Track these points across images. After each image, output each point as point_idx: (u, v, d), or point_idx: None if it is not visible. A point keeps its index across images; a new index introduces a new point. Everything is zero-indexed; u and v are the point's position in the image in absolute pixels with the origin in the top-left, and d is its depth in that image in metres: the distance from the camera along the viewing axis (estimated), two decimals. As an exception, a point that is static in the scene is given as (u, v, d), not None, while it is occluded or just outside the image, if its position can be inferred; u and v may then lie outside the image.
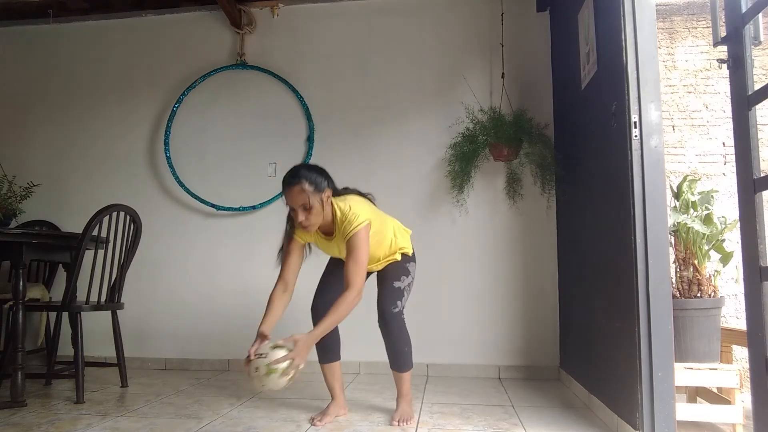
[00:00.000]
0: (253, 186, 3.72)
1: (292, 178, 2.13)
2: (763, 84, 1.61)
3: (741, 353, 2.78)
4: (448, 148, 3.41)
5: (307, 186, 2.11)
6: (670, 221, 2.23)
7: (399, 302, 2.33)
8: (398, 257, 2.43)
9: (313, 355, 3.47)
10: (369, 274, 2.37)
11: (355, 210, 2.17)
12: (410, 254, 2.48)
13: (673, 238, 2.32)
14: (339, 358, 2.43)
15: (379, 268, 2.43)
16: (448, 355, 3.42)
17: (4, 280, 3.68)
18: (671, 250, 2.13)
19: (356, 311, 2.48)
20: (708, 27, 3.28)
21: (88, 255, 2.86)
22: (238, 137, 3.80)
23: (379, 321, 2.35)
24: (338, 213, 2.20)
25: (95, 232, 2.78)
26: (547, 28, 3.59)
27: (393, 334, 2.32)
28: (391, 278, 2.37)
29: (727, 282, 2.95)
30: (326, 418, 2.31)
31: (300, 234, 2.29)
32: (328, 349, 2.39)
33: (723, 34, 1.77)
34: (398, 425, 2.26)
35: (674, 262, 2.31)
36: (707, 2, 3.26)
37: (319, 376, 3.28)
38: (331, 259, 2.50)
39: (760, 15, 1.67)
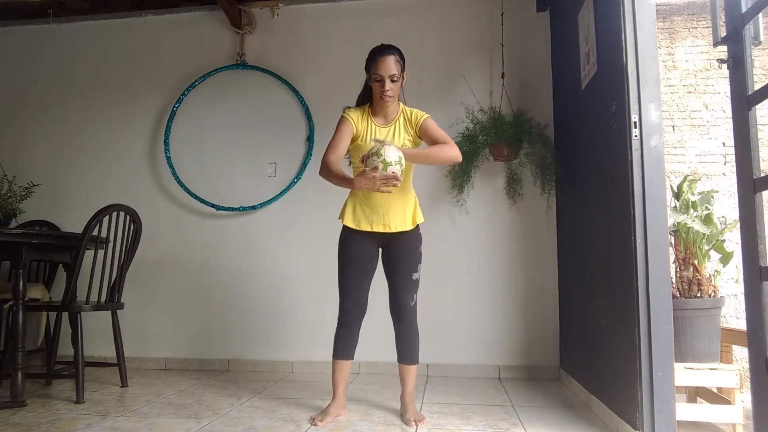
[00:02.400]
0: (253, 186, 3.72)
1: (389, 48, 2.27)
2: (763, 84, 1.61)
3: (741, 353, 2.78)
4: (448, 148, 3.41)
5: (399, 59, 2.27)
6: (670, 221, 2.23)
7: (415, 295, 2.39)
8: (414, 217, 2.36)
9: (316, 355, 3.48)
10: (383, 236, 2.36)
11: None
12: (419, 229, 2.43)
13: (673, 238, 2.32)
14: (353, 358, 2.42)
15: (388, 221, 2.32)
16: (448, 355, 3.42)
17: (4, 280, 3.68)
18: (671, 250, 2.13)
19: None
20: (708, 27, 3.28)
21: (88, 255, 2.86)
22: (238, 137, 3.80)
23: (395, 315, 2.39)
24: (400, 105, 2.36)
25: (95, 232, 2.78)
26: (547, 28, 3.59)
27: (410, 326, 2.38)
28: (409, 269, 2.37)
29: (727, 282, 2.95)
30: (327, 418, 2.30)
31: (356, 117, 2.34)
32: (350, 344, 2.39)
33: (723, 34, 1.77)
34: (416, 425, 2.27)
35: (674, 262, 2.31)
36: (707, 2, 3.26)
37: (318, 376, 3.30)
38: (359, 258, 2.36)
39: (760, 15, 1.67)
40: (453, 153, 2.25)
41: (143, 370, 3.59)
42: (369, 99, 2.39)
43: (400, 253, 2.37)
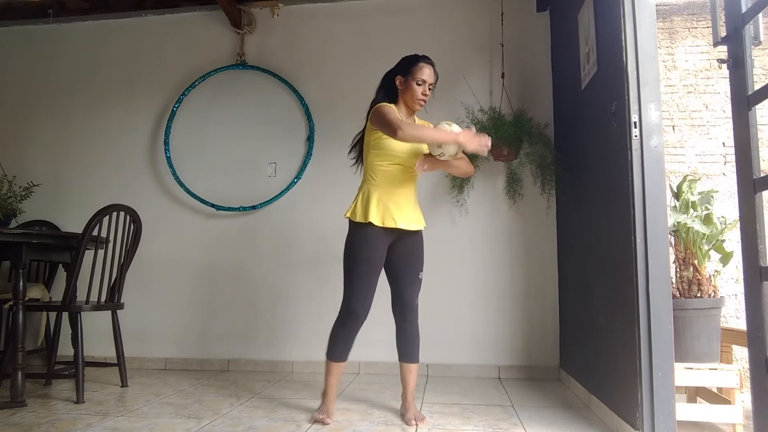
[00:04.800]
0: (253, 186, 3.72)
1: (431, 59, 2.39)
2: (763, 84, 1.61)
3: (741, 353, 2.78)
4: (448, 148, 3.41)
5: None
6: (670, 221, 2.23)
7: (418, 293, 2.41)
8: (422, 220, 2.42)
9: (316, 355, 3.48)
10: (393, 230, 2.32)
11: None
12: None
13: (673, 238, 2.32)
14: (346, 359, 2.41)
15: (409, 218, 2.34)
16: (448, 355, 3.42)
17: (4, 280, 3.68)
18: (671, 250, 2.13)
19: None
20: (708, 27, 3.28)
21: (88, 255, 2.86)
22: (238, 137, 3.80)
23: (399, 313, 2.38)
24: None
25: (95, 232, 2.78)
26: (547, 28, 3.59)
27: (413, 325, 2.39)
28: (418, 268, 2.40)
29: (727, 282, 2.95)
30: (333, 416, 2.31)
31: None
32: (349, 346, 2.36)
33: (723, 34, 1.77)
34: (416, 424, 2.27)
35: (674, 262, 2.31)
36: (707, 2, 3.26)
37: (318, 376, 3.29)
38: (376, 258, 2.31)
39: (760, 15, 1.67)
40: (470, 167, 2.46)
41: (143, 370, 3.59)
42: (391, 99, 2.39)
43: (411, 251, 2.38)
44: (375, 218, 2.26)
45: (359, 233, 2.30)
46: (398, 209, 2.31)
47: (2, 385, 2.75)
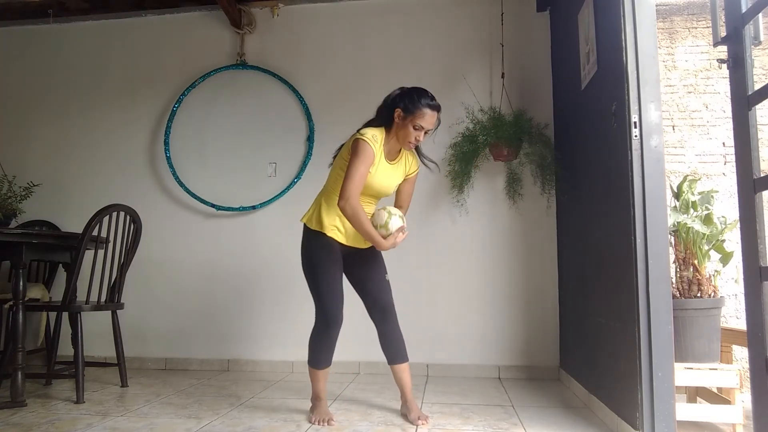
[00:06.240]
0: (253, 186, 3.72)
1: (438, 105, 2.28)
2: (763, 84, 1.61)
3: (741, 353, 2.78)
4: (448, 148, 3.41)
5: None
6: (670, 221, 2.23)
7: (392, 294, 2.42)
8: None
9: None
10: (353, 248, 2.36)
11: None
12: None
13: (673, 238, 2.32)
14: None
15: (360, 239, 2.34)
16: (448, 355, 3.41)
17: (4, 280, 3.68)
18: (671, 250, 2.13)
19: (355, 312, 2.50)
20: (708, 27, 3.28)
21: (88, 255, 2.86)
22: (238, 137, 3.80)
23: (380, 317, 2.37)
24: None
25: (95, 232, 2.78)
26: (547, 28, 3.59)
27: (397, 326, 2.39)
28: (383, 271, 2.42)
29: (727, 282, 2.95)
30: (331, 416, 2.31)
31: (376, 149, 2.23)
32: (332, 353, 2.37)
33: (723, 34, 1.77)
34: (423, 423, 2.28)
35: (674, 262, 2.31)
36: (707, 2, 3.26)
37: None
38: (339, 263, 2.34)
39: (760, 15, 1.67)
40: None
41: (143, 370, 3.59)
42: (384, 124, 2.31)
43: (370, 257, 2.41)
44: (328, 231, 2.30)
45: (315, 241, 2.32)
46: (352, 231, 2.31)
47: (2, 385, 2.75)
